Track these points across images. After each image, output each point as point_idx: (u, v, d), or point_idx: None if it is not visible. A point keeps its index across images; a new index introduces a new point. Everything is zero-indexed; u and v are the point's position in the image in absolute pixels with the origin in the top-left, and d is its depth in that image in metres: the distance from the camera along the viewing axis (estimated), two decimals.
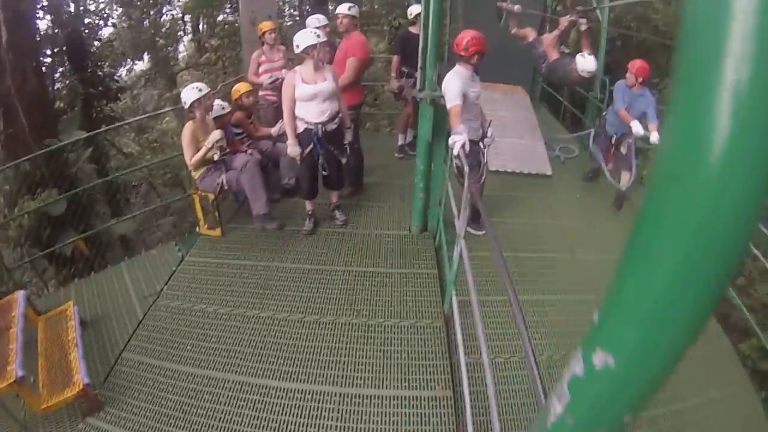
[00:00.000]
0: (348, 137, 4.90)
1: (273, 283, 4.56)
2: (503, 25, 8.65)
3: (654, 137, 5.47)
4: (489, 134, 4.69)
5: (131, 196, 10.91)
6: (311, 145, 4.62)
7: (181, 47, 20.92)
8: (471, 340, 3.62)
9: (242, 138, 5.71)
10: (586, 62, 5.85)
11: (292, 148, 4.59)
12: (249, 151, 5.36)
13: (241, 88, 5.62)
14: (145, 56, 18.90)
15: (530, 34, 6.82)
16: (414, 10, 6.50)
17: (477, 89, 4.52)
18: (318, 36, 4.30)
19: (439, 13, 4.03)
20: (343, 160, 4.92)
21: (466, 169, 3.46)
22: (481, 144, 4.65)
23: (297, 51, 4.33)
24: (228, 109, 5.35)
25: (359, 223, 5.48)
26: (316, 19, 5.93)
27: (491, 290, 4.42)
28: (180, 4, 18.58)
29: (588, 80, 6.50)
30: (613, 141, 6.10)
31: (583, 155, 7.97)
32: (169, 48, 19.39)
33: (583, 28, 6.25)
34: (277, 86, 5.86)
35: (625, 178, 6.22)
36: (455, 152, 3.81)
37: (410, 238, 5.22)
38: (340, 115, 4.75)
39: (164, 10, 18.83)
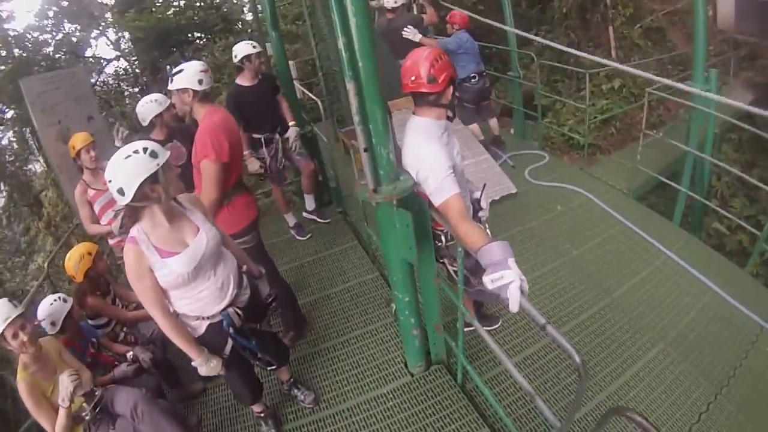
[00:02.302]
0: (265, 289, 3.01)
1: None
2: (377, 27, 7.10)
3: None
4: (484, 204, 3.02)
5: None
6: (230, 344, 2.68)
7: (37, 165, 17.22)
8: None
9: (112, 329, 3.70)
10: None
11: (206, 367, 2.59)
12: (130, 354, 3.36)
13: (76, 261, 3.58)
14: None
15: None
16: (240, 50, 4.57)
17: (457, 146, 2.79)
18: (155, 156, 2.18)
19: (369, 34, 2.20)
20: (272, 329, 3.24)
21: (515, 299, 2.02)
22: (479, 226, 3.00)
23: (124, 202, 2.21)
24: (68, 306, 3.26)
25: (334, 391, 3.56)
26: (155, 103, 3.96)
27: None
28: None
29: (397, 13, 6.26)
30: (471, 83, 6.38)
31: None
32: (20, 171, 16.09)
33: None
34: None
35: (493, 124, 6.93)
36: (514, 307, 1.98)
37: (418, 385, 3.41)
38: (244, 268, 2.86)
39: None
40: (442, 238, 2.87)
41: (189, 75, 3.06)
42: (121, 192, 2.15)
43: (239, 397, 3.25)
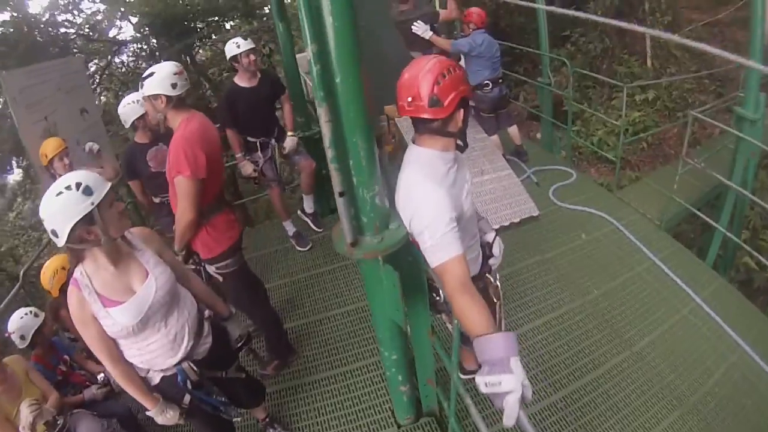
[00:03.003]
0: (235, 331, 2.64)
1: None
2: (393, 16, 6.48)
3: None
4: (496, 251, 2.54)
5: None
6: (188, 398, 2.36)
7: None
8: None
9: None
10: None
11: (162, 417, 2.29)
12: (101, 376, 3.23)
13: (51, 276, 3.35)
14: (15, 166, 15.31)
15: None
16: (227, 50, 4.30)
17: (468, 182, 2.26)
18: (89, 193, 1.85)
19: (352, 40, 1.69)
20: (242, 374, 2.76)
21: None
22: (489, 276, 2.55)
23: (59, 245, 1.92)
24: (38, 320, 3.14)
25: None
26: (136, 104, 3.68)
27: None
28: None
29: (411, 3, 5.64)
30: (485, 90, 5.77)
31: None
32: None
33: None
34: None
35: (514, 133, 6.30)
36: (509, 422, 1.52)
37: None
38: (207, 314, 2.48)
39: None
40: (441, 291, 2.42)
41: (161, 79, 2.72)
42: (54, 234, 1.89)
43: None
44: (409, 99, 1.92)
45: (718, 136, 9.00)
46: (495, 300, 2.57)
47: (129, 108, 3.72)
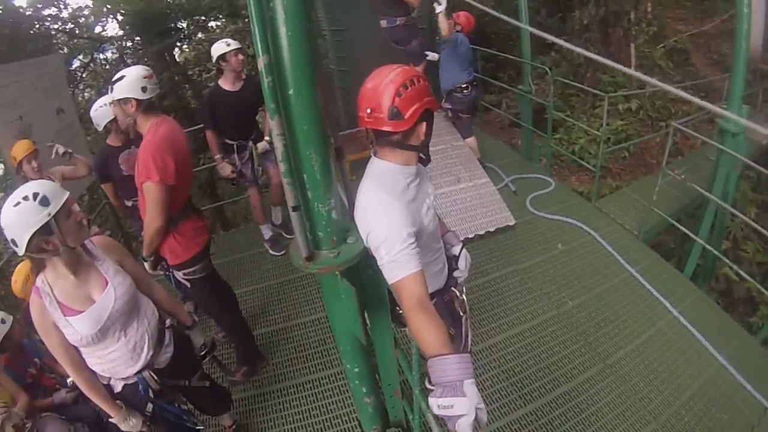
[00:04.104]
0: (198, 339, 2.69)
1: None
2: None
3: None
4: (462, 264, 2.46)
5: None
6: (150, 406, 2.41)
7: None
8: None
9: None
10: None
11: (125, 425, 2.31)
12: (70, 379, 2.91)
13: (23, 283, 3.25)
14: None
15: None
16: (214, 50, 4.25)
17: (430, 197, 2.17)
18: (46, 204, 1.88)
19: (308, 49, 1.61)
20: (206, 383, 2.76)
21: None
22: (454, 290, 2.48)
23: (19, 253, 1.95)
24: (6, 326, 3.02)
25: None
26: (109, 106, 3.46)
27: None
28: None
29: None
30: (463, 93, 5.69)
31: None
32: None
33: None
34: None
35: (470, 140, 6.00)
36: None
37: None
38: (168, 322, 2.48)
39: None
40: None
41: (130, 82, 2.68)
42: (14, 243, 1.94)
43: None
44: (369, 110, 1.82)
45: (700, 147, 9.03)
46: (461, 313, 2.51)
47: (101, 111, 3.63)
